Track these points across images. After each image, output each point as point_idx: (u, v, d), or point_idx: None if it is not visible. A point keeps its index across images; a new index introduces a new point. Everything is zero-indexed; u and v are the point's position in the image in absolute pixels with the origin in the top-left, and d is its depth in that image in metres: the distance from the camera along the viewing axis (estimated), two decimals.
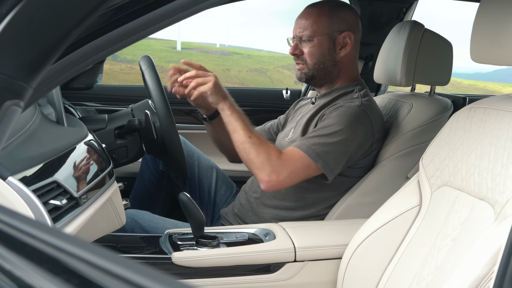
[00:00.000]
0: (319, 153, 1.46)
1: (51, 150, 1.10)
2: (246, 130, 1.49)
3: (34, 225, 0.40)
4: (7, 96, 0.48)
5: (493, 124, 1.05)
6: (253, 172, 1.49)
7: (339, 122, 1.49)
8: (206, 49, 18.17)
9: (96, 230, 1.27)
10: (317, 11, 1.61)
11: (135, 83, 6.13)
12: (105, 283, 0.32)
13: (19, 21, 0.47)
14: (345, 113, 1.51)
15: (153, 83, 1.67)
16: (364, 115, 1.52)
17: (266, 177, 1.44)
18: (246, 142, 1.47)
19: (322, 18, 1.60)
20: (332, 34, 1.60)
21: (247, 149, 1.47)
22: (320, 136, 1.48)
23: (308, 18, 1.61)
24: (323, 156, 1.46)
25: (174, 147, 1.68)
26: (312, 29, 1.59)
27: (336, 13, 1.62)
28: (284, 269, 1.30)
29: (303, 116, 1.70)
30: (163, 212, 1.98)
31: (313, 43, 1.60)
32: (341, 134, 1.48)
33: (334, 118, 1.50)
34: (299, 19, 1.63)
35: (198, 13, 0.74)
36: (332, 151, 1.47)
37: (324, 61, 1.61)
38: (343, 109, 1.52)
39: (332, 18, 1.60)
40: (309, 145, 1.47)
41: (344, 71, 1.65)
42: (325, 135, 1.48)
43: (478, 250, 0.92)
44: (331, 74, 1.64)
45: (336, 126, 1.48)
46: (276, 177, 1.44)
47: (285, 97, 2.55)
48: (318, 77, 1.64)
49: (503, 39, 1.02)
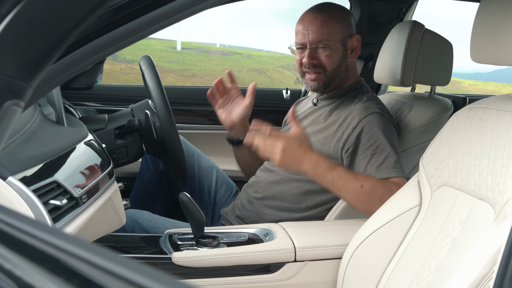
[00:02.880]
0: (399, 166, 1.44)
1: (51, 150, 1.10)
2: (351, 181, 1.38)
3: (34, 225, 0.40)
4: (7, 96, 0.48)
5: (493, 124, 1.05)
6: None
7: (384, 136, 1.47)
8: (206, 49, 18.17)
9: (96, 230, 1.27)
10: (327, 17, 1.57)
11: (135, 83, 6.13)
12: (106, 283, 0.32)
13: (19, 21, 0.47)
14: (379, 124, 1.48)
15: (153, 83, 1.67)
16: (386, 119, 1.52)
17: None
18: (361, 193, 1.38)
19: (335, 24, 1.57)
20: (345, 39, 1.59)
21: (366, 199, 1.38)
22: (387, 158, 1.45)
23: (323, 25, 1.56)
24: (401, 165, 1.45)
25: (174, 147, 1.68)
26: (329, 35, 1.55)
27: (344, 17, 1.60)
28: (284, 269, 1.30)
29: (305, 117, 1.69)
30: (163, 212, 1.98)
31: (331, 50, 1.56)
32: (391, 145, 1.47)
33: (376, 136, 1.47)
34: (309, 25, 1.57)
35: (198, 13, 0.74)
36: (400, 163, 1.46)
37: (340, 66, 1.59)
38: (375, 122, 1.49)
39: (343, 23, 1.59)
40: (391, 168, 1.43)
41: (351, 73, 1.65)
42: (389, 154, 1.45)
43: (478, 250, 0.92)
44: (343, 79, 1.63)
45: (386, 142, 1.46)
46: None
47: (285, 97, 2.55)
48: (333, 83, 1.61)
49: (503, 39, 1.01)
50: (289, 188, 1.60)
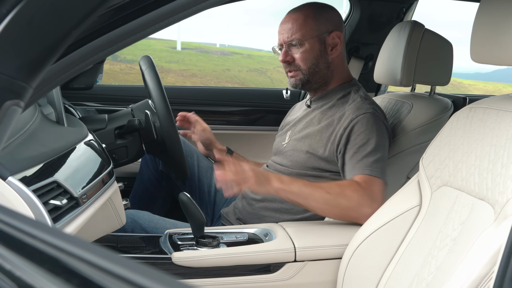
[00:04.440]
0: (381, 168, 1.44)
1: (51, 150, 1.10)
2: (317, 188, 1.38)
3: (34, 225, 0.40)
4: (7, 96, 0.48)
5: (493, 124, 1.05)
6: (352, 216, 1.39)
7: (371, 135, 1.47)
8: (206, 49, 18.16)
9: (96, 230, 1.27)
10: (302, 15, 1.59)
11: (135, 83, 6.13)
12: (105, 283, 0.32)
13: (19, 21, 0.47)
14: (368, 124, 1.48)
15: (153, 83, 1.67)
16: (378, 119, 1.52)
17: (369, 209, 1.34)
18: (329, 199, 1.37)
19: (308, 21, 1.58)
20: (321, 35, 1.59)
21: (334, 203, 1.37)
22: (367, 156, 1.45)
23: (294, 23, 1.58)
24: (383, 169, 1.44)
25: (174, 147, 1.68)
26: (301, 32, 1.57)
27: (321, 14, 1.61)
28: (284, 269, 1.30)
29: (300, 120, 1.69)
30: (163, 212, 1.98)
31: (304, 48, 1.58)
32: (379, 143, 1.47)
33: (365, 134, 1.47)
34: (284, 24, 1.60)
35: (198, 13, 0.74)
36: (384, 163, 1.46)
37: (317, 63, 1.60)
38: (365, 120, 1.49)
39: (318, 20, 1.59)
40: (372, 169, 1.43)
41: (337, 71, 1.64)
42: (372, 152, 1.45)
43: (478, 250, 0.92)
44: (325, 76, 1.62)
45: (373, 141, 1.46)
46: (376, 204, 1.34)
47: (285, 97, 2.55)
48: (313, 81, 1.62)
49: (503, 39, 1.02)
50: None
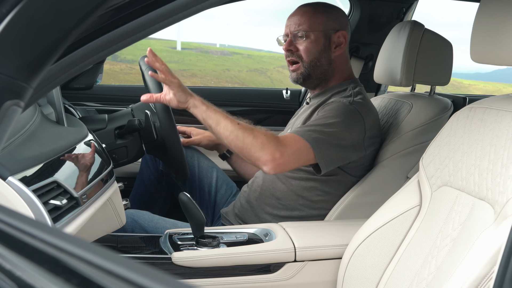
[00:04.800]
0: (315, 138, 1.43)
1: (51, 150, 1.10)
2: (230, 118, 1.41)
3: (34, 225, 0.40)
4: (7, 96, 0.48)
5: (493, 124, 1.05)
6: (253, 157, 1.39)
7: (333, 116, 1.48)
8: (206, 49, 18.16)
9: (96, 230, 1.27)
10: (312, 9, 1.62)
11: (135, 83, 6.13)
12: (105, 283, 0.32)
13: (19, 21, 0.47)
14: (338, 109, 1.50)
15: (153, 83, 1.67)
16: (356, 113, 1.52)
17: (270, 156, 1.36)
18: (237, 129, 1.39)
19: (318, 15, 1.61)
20: (328, 31, 1.61)
21: (241, 135, 1.38)
22: (315, 125, 1.47)
23: (304, 15, 1.61)
24: (319, 142, 1.43)
25: (174, 147, 1.68)
26: (308, 24, 1.60)
27: (330, 12, 1.63)
28: (284, 269, 1.30)
29: (298, 116, 1.70)
30: (163, 212, 1.98)
31: (309, 40, 1.60)
32: (335, 127, 1.46)
33: (329, 112, 1.50)
34: (293, 17, 1.63)
35: (198, 13, 0.74)
36: (326, 140, 1.44)
37: (320, 58, 1.61)
38: (336, 105, 1.52)
39: (327, 17, 1.61)
40: (305, 131, 1.44)
41: (338, 70, 1.65)
42: (320, 125, 1.46)
43: (478, 250, 0.92)
44: (326, 73, 1.64)
45: (331, 119, 1.47)
46: (280, 155, 1.36)
47: (285, 97, 2.55)
48: (314, 76, 1.63)
49: (503, 39, 1.02)
50: (287, 187, 1.60)
